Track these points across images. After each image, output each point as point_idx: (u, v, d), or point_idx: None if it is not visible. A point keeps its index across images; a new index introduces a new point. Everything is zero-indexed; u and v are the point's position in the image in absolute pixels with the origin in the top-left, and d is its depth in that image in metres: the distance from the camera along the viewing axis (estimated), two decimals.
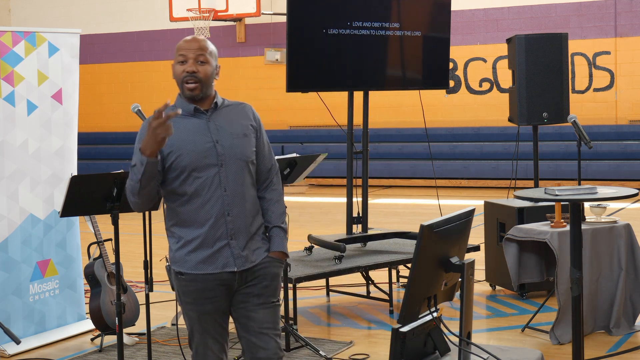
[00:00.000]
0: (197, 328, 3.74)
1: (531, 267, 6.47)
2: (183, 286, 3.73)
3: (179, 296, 3.78)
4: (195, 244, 3.68)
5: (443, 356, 3.46)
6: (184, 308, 3.77)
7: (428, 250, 3.26)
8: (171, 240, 3.76)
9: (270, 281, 3.81)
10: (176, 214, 3.71)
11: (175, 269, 3.73)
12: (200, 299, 3.71)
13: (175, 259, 3.73)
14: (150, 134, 3.49)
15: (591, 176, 14.47)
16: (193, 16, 16.53)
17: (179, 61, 3.69)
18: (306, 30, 6.98)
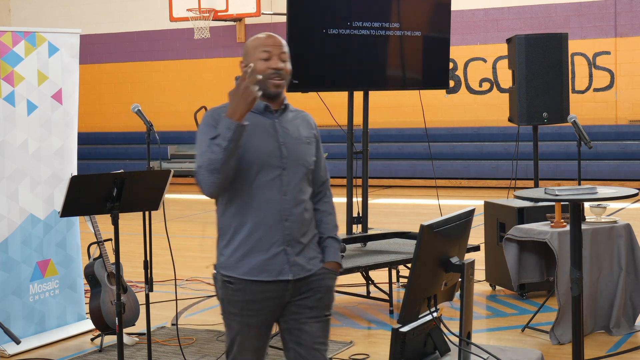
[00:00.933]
0: (237, 340, 3.59)
1: (531, 267, 6.47)
2: (230, 295, 3.55)
3: (223, 305, 3.60)
4: (249, 247, 3.53)
5: (443, 356, 3.46)
6: (227, 318, 3.61)
7: (428, 250, 3.26)
8: (221, 243, 3.60)
9: (325, 294, 3.65)
10: (232, 214, 3.55)
11: (225, 273, 3.56)
12: (245, 311, 3.55)
13: (226, 264, 3.57)
14: (242, 94, 3.41)
15: (591, 176, 14.47)
16: (193, 16, 16.53)
17: (262, 57, 3.62)
18: (306, 30, 6.98)
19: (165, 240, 5.46)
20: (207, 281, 8.19)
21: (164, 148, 17.88)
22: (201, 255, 10.18)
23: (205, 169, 3.42)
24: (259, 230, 3.52)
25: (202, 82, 18.37)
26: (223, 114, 3.49)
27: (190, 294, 7.78)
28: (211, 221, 13.16)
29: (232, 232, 3.55)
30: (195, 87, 18.41)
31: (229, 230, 3.56)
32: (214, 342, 6.22)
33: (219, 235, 3.61)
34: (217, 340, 6.26)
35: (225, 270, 3.56)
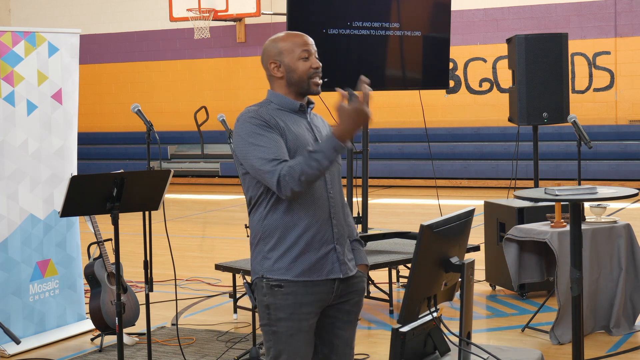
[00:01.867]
0: (287, 349, 3.46)
1: (531, 267, 6.46)
2: (280, 299, 3.44)
3: (269, 312, 3.47)
4: (301, 247, 3.45)
5: (443, 356, 3.46)
6: (273, 327, 3.47)
7: (428, 250, 3.26)
8: (265, 247, 3.48)
9: (360, 297, 3.61)
10: (280, 215, 3.45)
11: (275, 277, 3.44)
12: (297, 315, 3.45)
13: (275, 267, 3.45)
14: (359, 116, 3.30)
15: (591, 176, 14.47)
16: (193, 16, 16.53)
17: (302, 57, 3.59)
18: (306, 30, 6.94)
19: (165, 240, 5.46)
20: (207, 281, 8.19)
21: (164, 148, 17.89)
22: (201, 255, 10.18)
23: (292, 177, 3.31)
24: (310, 230, 3.46)
25: (202, 82, 18.37)
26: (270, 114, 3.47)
27: (190, 294, 7.78)
28: (211, 221, 13.21)
29: (280, 234, 3.45)
30: (195, 87, 18.41)
31: (276, 232, 3.46)
32: (214, 342, 6.22)
33: (262, 238, 3.48)
34: (217, 340, 6.26)
35: (274, 274, 3.45)
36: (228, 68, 18.15)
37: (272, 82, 3.63)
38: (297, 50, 3.61)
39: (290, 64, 3.57)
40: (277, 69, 3.58)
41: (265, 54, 3.63)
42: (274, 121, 3.47)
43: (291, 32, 3.70)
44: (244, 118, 3.48)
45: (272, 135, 3.42)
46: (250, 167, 3.43)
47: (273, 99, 3.60)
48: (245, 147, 3.43)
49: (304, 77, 3.58)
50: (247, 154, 3.42)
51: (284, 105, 3.57)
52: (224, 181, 17.40)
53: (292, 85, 3.58)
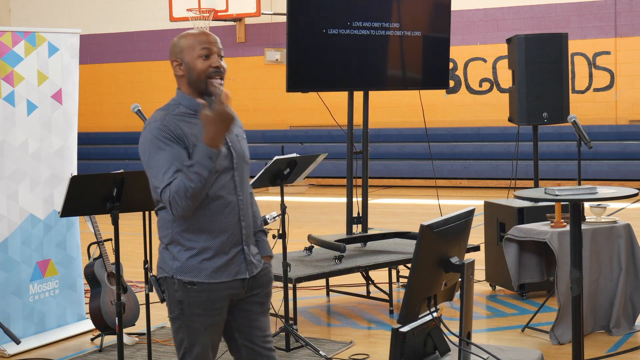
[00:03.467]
0: (200, 341, 3.55)
1: (531, 267, 6.47)
2: (193, 297, 3.51)
3: (182, 307, 3.55)
4: (213, 251, 3.49)
5: (443, 356, 3.46)
6: (187, 321, 3.55)
7: (428, 250, 3.26)
8: (177, 249, 3.50)
9: (269, 287, 3.73)
10: (190, 220, 3.45)
11: (185, 278, 3.49)
12: (210, 310, 3.53)
13: (186, 268, 3.49)
14: (222, 119, 3.30)
15: (591, 176, 14.47)
16: (193, 16, 16.53)
17: (201, 55, 3.51)
18: (306, 30, 6.98)
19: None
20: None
21: None
22: None
23: (183, 196, 3.32)
24: (220, 235, 3.50)
25: None
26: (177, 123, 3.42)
27: None
28: None
29: (190, 237, 3.48)
30: None
31: (186, 236, 3.48)
32: None
33: (173, 240, 3.51)
34: None
35: (184, 274, 3.51)
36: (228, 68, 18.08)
37: (177, 80, 3.59)
38: (198, 47, 3.52)
39: (190, 62, 3.51)
40: (178, 67, 3.55)
41: (170, 51, 3.59)
42: (179, 132, 3.42)
43: (197, 29, 3.67)
44: (151, 126, 3.45)
45: (172, 150, 3.39)
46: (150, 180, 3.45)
47: (182, 101, 3.55)
48: (146, 159, 3.45)
49: (201, 76, 3.51)
50: (147, 166, 3.44)
51: (193, 107, 3.52)
52: None
53: (192, 84, 3.53)
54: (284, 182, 5.94)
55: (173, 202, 3.35)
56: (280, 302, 6.32)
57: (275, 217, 5.88)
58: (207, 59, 3.52)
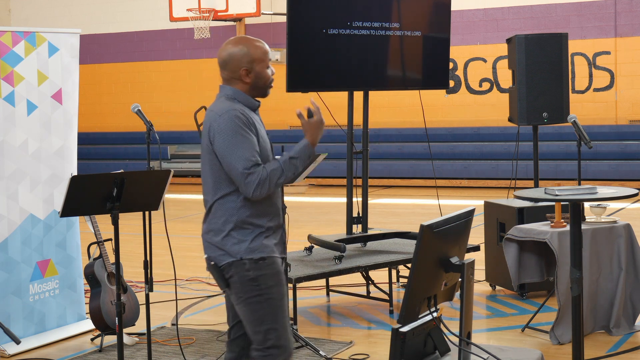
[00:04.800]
0: (281, 310, 3.92)
1: (531, 267, 6.47)
2: (266, 271, 3.86)
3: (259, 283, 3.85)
4: (271, 231, 3.92)
5: (443, 356, 3.46)
6: (265, 295, 3.86)
7: (428, 250, 3.26)
8: (242, 232, 3.86)
9: None
10: (255, 205, 3.86)
11: (255, 256, 3.84)
12: (280, 280, 3.92)
13: (253, 247, 3.85)
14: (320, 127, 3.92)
15: (591, 176, 14.47)
16: (193, 16, 16.53)
17: (267, 66, 3.98)
18: (306, 30, 6.98)
19: (165, 240, 5.46)
20: (207, 281, 8.20)
21: (164, 148, 17.89)
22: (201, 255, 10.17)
23: (271, 179, 3.79)
24: (275, 218, 3.95)
25: (202, 82, 18.36)
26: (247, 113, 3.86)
27: (190, 294, 7.78)
28: None
29: (256, 220, 3.87)
30: (195, 87, 18.41)
31: (253, 219, 3.87)
32: (214, 342, 6.22)
33: (235, 227, 3.86)
34: (217, 340, 6.26)
35: (252, 254, 3.85)
36: None
37: (234, 83, 3.96)
38: (265, 59, 3.98)
39: (261, 72, 3.95)
40: (246, 75, 3.94)
41: (234, 59, 3.94)
42: (251, 121, 3.87)
43: (252, 38, 4.01)
44: (230, 114, 3.82)
45: (251, 138, 3.82)
46: (228, 165, 3.80)
47: (237, 96, 3.94)
48: (228, 146, 3.80)
49: (267, 83, 4.00)
50: (228, 150, 3.80)
51: (249, 104, 3.95)
52: None
53: (256, 89, 3.97)
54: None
55: (260, 184, 3.77)
56: None
57: None
58: (269, 69, 4.00)
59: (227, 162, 3.79)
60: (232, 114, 3.80)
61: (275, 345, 3.88)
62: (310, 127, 3.91)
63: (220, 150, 3.81)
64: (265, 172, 3.77)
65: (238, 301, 3.90)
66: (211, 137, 3.84)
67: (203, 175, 3.97)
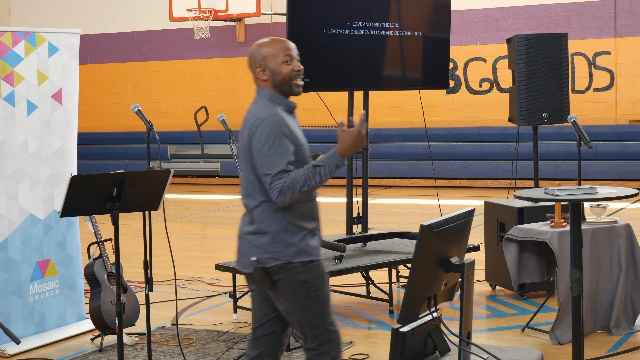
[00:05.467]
0: (328, 308, 3.98)
1: (531, 267, 6.47)
2: (314, 273, 3.94)
3: (307, 286, 3.91)
4: (314, 232, 4.01)
5: (443, 356, 3.46)
6: (314, 296, 3.93)
7: (428, 250, 3.26)
8: (290, 235, 3.91)
9: None
10: (298, 208, 3.92)
11: (305, 258, 3.91)
12: (326, 281, 4.00)
13: (302, 249, 3.93)
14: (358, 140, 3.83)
15: (591, 176, 14.46)
16: (193, 16, 16.53)
17: (284, 61, 3.96)
18: (306, 30, 6.98)
19: (165, 240, 5.46)
20: (207, 281, 8.19)
21: (164, 148, 17.88)
22: (201, 255, 10.19)
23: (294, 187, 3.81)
24: (315, 220, 4.04)
25: (202, 82, 18.37)
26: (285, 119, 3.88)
27: (190, 294, 7.78)
28: (211, 221, 13.21)
29: (301, 222, 3.95)
30: (195, 87, 18.41)
31: (299, 222, 3.94)
32: (214, 342, 6.22)
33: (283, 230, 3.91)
34: (217, 340, 6.26)
35: (302, 256, 3.92)
36: (228, 68, 18.14)
37: (259, 84, 4.03)
38: (280, 54, 3.97)
39: (274, 67, 3.96)
40: (262, 72, 3.98)
41: (251, 58, 4.03)
42: (290, 127, 3.90)
43: (275, 38, 4.07)
44: (272, 119, 3.85)
45: (287, 145, 3.85)
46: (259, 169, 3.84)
47: (275, 99, 3.98)
48: (262, 151, 3.83)
49: (286, 79, 3.96)
50: (262, 157, 3.83)
51: (286, 105, 3.99)
52: (224, 181, 17.40)
53: (279, 87, 3.98)
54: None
55: (284, 191, 3.80)
56: None
57: None
58: (289, 64, 3.97)
59: (259, 166, 3.84)
60: (273, 120, 3.85)
61: (325, 341, 3.97)
62: (343, 136, 3.85)
63: (255, 155, 3.85)
64: (289, 179, 3.79)
65: (286, 303, 3.96)
66: (250, 140, 3.88)
67: (243, 177, 3.99)
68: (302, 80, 4.01)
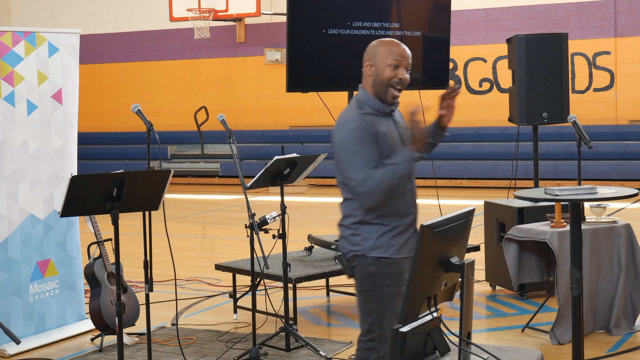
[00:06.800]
0: (390, 309, 3.98)
1: (531, 267, 6.47)
2: (384, 270, 3.98)
3: (374, 280, 3.97)
4: (397, 231, 3.99)
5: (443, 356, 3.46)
6: (378, 291, 3.98)
7: (428, 250, 3.26)
8: (368, 229, 3.97)
9: None
10: (388, 204, 3.95)
11: (377, 254, 3.97)
12: (397, 281, 3.99)
13: (377, 245, 3.97)
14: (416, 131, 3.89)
15: (591, 176, 14.46)
16: (193, 16, 16.53)
17: (390, 64, 4.03)
18: (306, 30, 6.98)
19: (165, 240, 5.46)
20: (207, 281, 8.19)
21: (164, 148, 17.89)
22: (201, 255, 10.18)
23: (380, 189, 3.85)
24: (403, 218, 4.02)
25: (202, 82, 18.37)
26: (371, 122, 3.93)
27: (190, 294, 7.78)
28: (211, 221, 13.21)
29: (386, 219, 3.98)
30: (195, 87, 18.41)
31: (382, 219, 3.97)
32: (214, 342, 6.22)
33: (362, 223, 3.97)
34: (217, 340, 6.26)
35: (375, 251, 3.98)
36: (228, 68, 18.14)
37: (364, 78, 4.10)
38: (390, 57, 4.03)
39: (380, 67, 4.02)
40: (368, 68, 4.05)
41: (366, 52, 4.09)
42: (372, 129, 3.91)
43: (395, 41, 4.14)
44: (350, 125, 3.91)
45: (370, 151, 3.88)
46: (343, 174, 3.93)
47: (367, 102, 4.02)
48: (344, 154, 3.91)
49: (385, 82, 4.02)
50: (344, 160, 3.91)
51: (376, 109, 4.02)
52: (224, 181, 17.40)
53: (374, 87, 4.04)
54: (284, 182, 5.94)
55: (370, 194, 3.87)
56: (280, 302, 6.32)
57: (275, 217, 5.88)
58: (395, 70, 4.05)
59: (343, 171, 3.93)
60: (354, 126, 3.90)
61: (377, 339, 4.01)
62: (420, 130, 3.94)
63: (338, 159, 3.95)
64: (372, 183, 3.85)
65: (356, 290, 4.09)
66: (333, 143, 3.98)
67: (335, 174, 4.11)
68: (399, 91, 4.07)
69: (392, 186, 3.86)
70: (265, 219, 5.79)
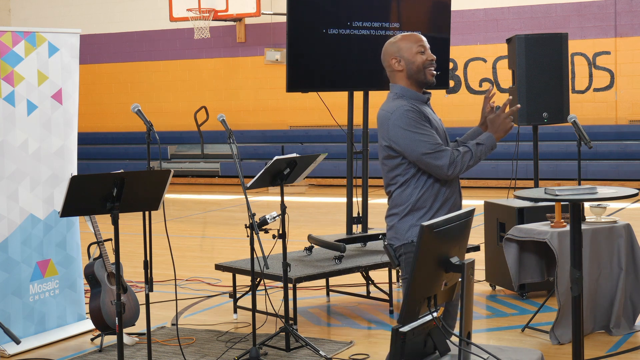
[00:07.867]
0: None
1: (531, 267, 6.46)
2: None
3: None
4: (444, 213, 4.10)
5: (443, 356, 3.46)
6: None
7: (428, 250, 3.26)
8: (415, 217, 4.15)
9: None
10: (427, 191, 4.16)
11: None
12: None
13: None
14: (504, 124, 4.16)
15: (591, 176, 14.47)
16: (193, 16, 16.54)
17: (418, 51, 4.22)
18: (306, 30, 6.98)
19: (165, 240, 5.46)
20: (207, 281, 8.19)
21: (164, 148, 17.89)
22: (201, 255, 10.18)
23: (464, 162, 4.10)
24: (449, 200, 4.19)
25: (202, 82, 18.37)
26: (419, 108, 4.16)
27: (190, 294, 7.78)
28: (211, 221, 13.21)
29: (428, 206, 4.16)
30: (195, 87, 18.42)
31: (424, 205, 4.16)
32: (214, 342, 6.22)
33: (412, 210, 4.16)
34: (217, 340, 6.26)
35: None
36: (228, 68, 18.14)
37: (394, 76, 4.33)
38: (414, 46, 4.24)
39: (410, 57, 4.23)
40: (397, 63, 4.26)
41: (386, 54, 4.38)
42: (424, 114, 4.14)
43: (406, 33, 4.39)
44: (400, 112, 4.13)
45: (428, 128, 4.10)
46: (414, 153, 4.07)
47: (405, 93, 4.24)
48: (410, 136, 4.08)
49: (420, 67, 4.21)
50: (414, 142, 4.07)
51: (416, 98, 4.22)
52: (224, 181, 17.41)
53: (412, 76, 4.24)
54: (284, 182, 5.94)
55: (453, 163, 4.08)
56: (280, 302, 6.31)
57: (275, 217, 5.88)
58: (424, 54, 4.23)
59: (412, 151, 4.09)
60: (403, 109, 4.11)
61: None
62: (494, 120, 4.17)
63: (403, 145, 4.11)
64: (457, 152, 4.09)
65: (402, 278, 4.24)
66: (385, 135, 4.15)
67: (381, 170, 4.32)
68: (435, 70, 4.24)
69: (474, 163, 4.11)
70: (265, 219, 5.79)
